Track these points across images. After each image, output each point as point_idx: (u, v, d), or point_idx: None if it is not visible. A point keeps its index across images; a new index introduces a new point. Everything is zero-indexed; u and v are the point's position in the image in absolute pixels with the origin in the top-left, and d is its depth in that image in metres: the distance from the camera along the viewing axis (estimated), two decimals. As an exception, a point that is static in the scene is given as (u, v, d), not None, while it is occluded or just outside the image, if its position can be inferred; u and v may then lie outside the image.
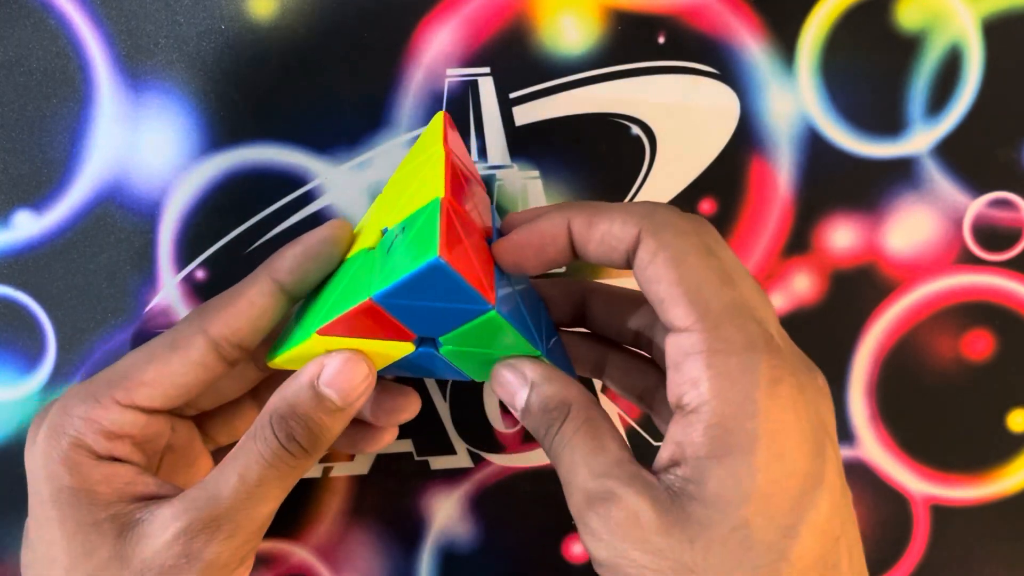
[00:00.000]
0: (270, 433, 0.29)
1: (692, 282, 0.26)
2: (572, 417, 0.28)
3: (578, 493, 0.27)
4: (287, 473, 0.29)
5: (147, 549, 0.28)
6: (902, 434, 0.40)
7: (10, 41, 0.36)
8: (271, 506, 0.29)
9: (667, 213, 0.28)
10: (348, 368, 0.29)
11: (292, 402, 0.29)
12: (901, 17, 0.38)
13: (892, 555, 0.41)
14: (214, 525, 0.28)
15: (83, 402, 0.30)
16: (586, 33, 0.37)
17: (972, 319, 0.40)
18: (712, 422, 0.25)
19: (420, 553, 0.40)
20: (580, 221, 0.28)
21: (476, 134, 0.37)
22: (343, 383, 0.29)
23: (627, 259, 0.28)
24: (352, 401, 0.29)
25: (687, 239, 0.27)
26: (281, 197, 0.37)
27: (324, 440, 0.29)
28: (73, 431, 0.30)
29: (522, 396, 0.29)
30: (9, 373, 0.38)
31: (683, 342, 0.26)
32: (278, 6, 0.36)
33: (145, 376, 0.30)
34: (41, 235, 0.37)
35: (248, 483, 0.29)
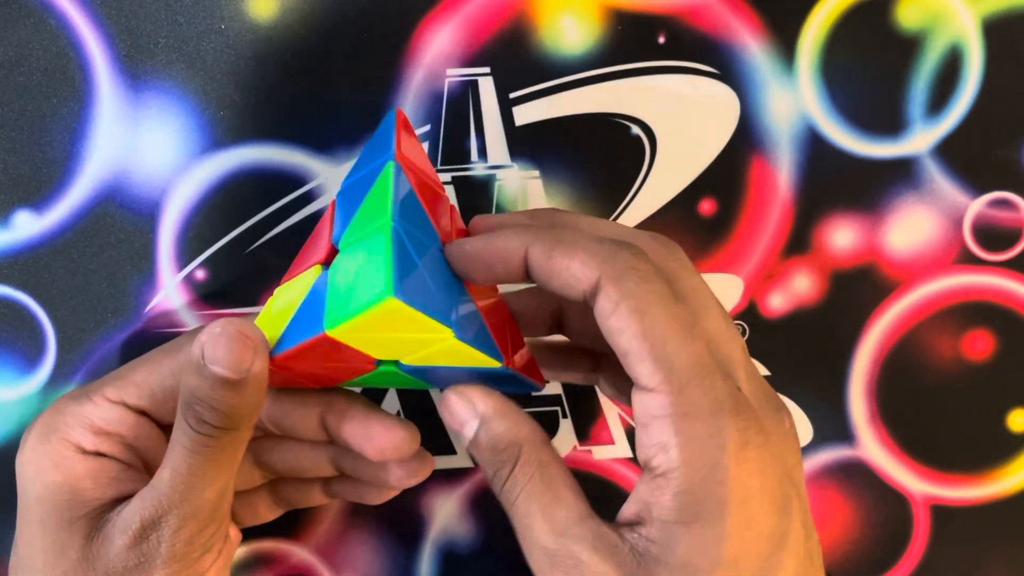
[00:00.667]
0: (183, 422, 0.28)
1: (656, 337, 0.26)
2: (524, 461, 0.27)
3: (538, 550, 0.27)
4: (214, 454, 0.28)
5: (109, 552, 0.29)
6: (902, 434, 0.40)
7: (10, 41, 0.36)
8: (213, 489, 0.29)
9: (629, 256, 0.27)
10: (227, 341, 0.27)
11: (190, 386, 0.28)
12: (901, 17, 0.38)
13: (892, 555, 0.41)
14: (162, 522, 0.28)
15: (75, 400, 0.31)
16: (586, 33, 0.37)
17: (972, 319, 0.40)
18: (681, 488, 0.25)
19: (420, 553, 0.40)
20: (538, 251, 0.27)
21: (476, 134, 0.37)
22: (228, 356, 0.27)
23: (584, 298, 0.27)
24: (246, 369, 0.27)
25: (649, 286, 0.26)
26: (281, 197, 0.37)
27: (237, 414, 0.28)
28: (62, 426, 0.30)
29: (470, 428, 0.28)
30: (9, 373, 0.38)
31: (649, 403, 0.26)
32: (278, 6, 0.36)
33: (135, 376, 0.31)
34: (41, 235, 0.37)
35: (180, 473, 0.28)
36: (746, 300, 0.39)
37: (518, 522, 0.27)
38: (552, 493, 0.27)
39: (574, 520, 0.26)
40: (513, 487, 0.27)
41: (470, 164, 0.37)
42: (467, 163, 0.37)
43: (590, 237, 0.27)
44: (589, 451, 0.40)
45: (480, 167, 0.38)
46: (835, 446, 0.40)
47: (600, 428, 0.40)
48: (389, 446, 0.31)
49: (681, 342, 0.26)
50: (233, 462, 0.29)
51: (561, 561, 0.26)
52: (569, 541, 0.26)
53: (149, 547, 0.29)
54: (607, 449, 0.40)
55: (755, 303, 0.39)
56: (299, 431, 0.32)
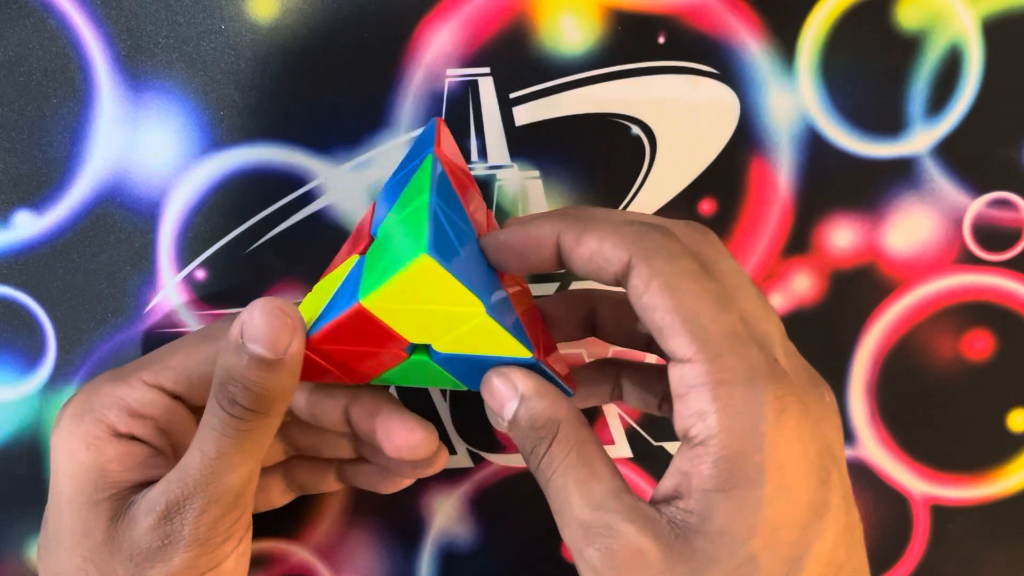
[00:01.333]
0: (215, 404, 0.28)
1: (689, 310, 0.26)
2: (561, 438, 0.28)
3: (574, 524, 0.27)
4: (243, 438, 0.29)
5: (135, 533, 0.29)
6: (902, 434, 0.40)
7: (10, 41, 0.36)
8: (239, 474, 0.29)
9: (659, 236, 0.27)
10: (267, 318, 0.28)
11: (226, 367, 0.28)
12: (901, 17, 0.38)
13: (892, 555, 0.41)
14: (188, 504, 0.29)
15: (111, 381, 0.31)
16: (586, 33, 0.37)
17: (972, 319, 0.40)
18: (720, 455, 0.25)
19: (420, 553, 0.40)
20: (569, 236, 0.28)
21: (476, 134, 0.37)
22: (268, 334, 0.28)
23: (616, 280, 0.27)
24: (284, 349, 0.28)
25: (680, 263, 0.26)
26: (281, 197, 0.37)
27: (271, 396, 0.28)
28: (98, 406, 0.30)
29: (511, 407, 0.29)
30: (9, 373, 0.38)
31: (686, 373, 0.26)
32: (278, 6, 0.36)
33: (173, 360, 0.31)
34: (41, 235, 0.37)
35: (208, 456, 0.29)
36: (746, 300, 0.39)
37: (554, 496, 0.27)
38: (589, 469, 0.27)
39: (610, 494, 0.26)
40: (551, 463, 0.28)
41: (470, 164, 0.37)
42: (467, 163, 0.37)
43: (620, 221, 0.28)
44: (589, 451, 0.40)
45: (480, 167, 0.38)
46: (835, 446, 0.40)
47: (600, 428, 0.40)
48: (406, 445, 0.32)
49: (715, 314, 0.26)
50: (261, 449, 0.29)
51: (598, 533, 0.26)
52: (605, 513, 0.26)
53: (173, 528, 0.29)
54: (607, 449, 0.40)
55: (755, 303, 0.39)
56: (325, 421, 0.33)
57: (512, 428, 0.29)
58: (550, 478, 0.28)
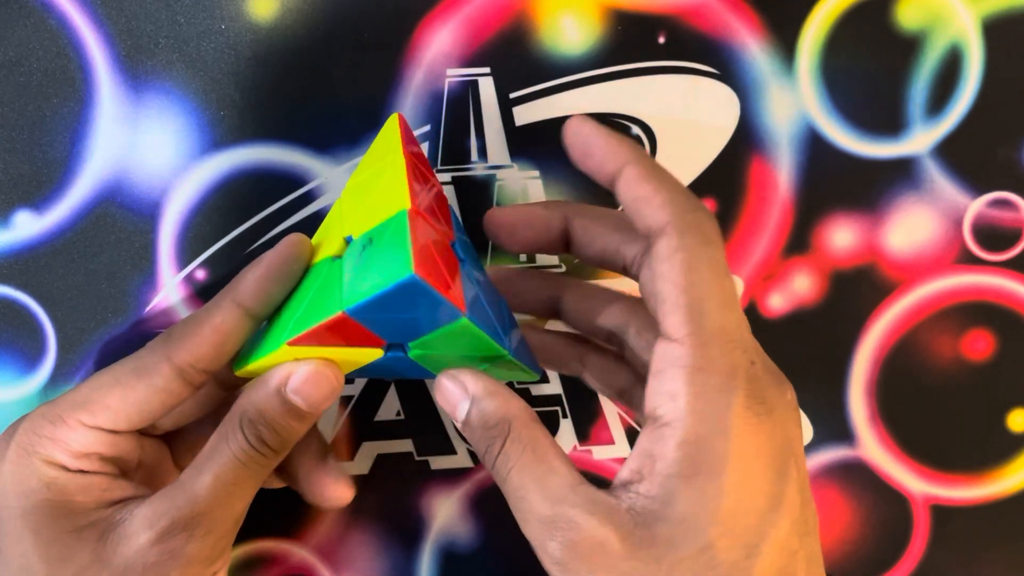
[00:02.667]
0: (241, 436, 0.30)
1: (696, 294, 0.27)
2: (514, 436, 0.28)
3: (533, 519, 0.27)
4: (258, 471, 0.30)
5: (129, 548, 0.29)
6: (902, 434, 0.40)
7: (10, 41, 0.36)
8: (244, 502, 0.30)
9: (702, 216, 0.28)
10: (316, 378, 0.29)
11: (261, 408, 0.30)
12: (901, 17, 0.38)
13: (892, 555, 0.41)
14: (193, 523, 0.29)
15: (50, 423, 0.30)
16: (586, 33, 0.37)
17: (972, 319, 0.40)
18: (685, 438, 0.26)
19: (420, 553, 0.40)
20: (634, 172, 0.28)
21: (476, 134, 0.37)
22: (311, 391, 0.29)
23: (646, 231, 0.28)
24: (318, 406, 0.30)
25: (708, 250, 0.27)
26: (281, 197, 0.37)
27: (290, 441, 0.30)
28: (43, 450, 0.30)
29: (463, 409, 0.29)
30: (9, 373, 0.38)
31: (670, 352, 0.27)
32: (278, 6, 0.36)
33: (108, 400, 0.30)
34: (41, 235, 0.37)
35: (224, 482, 0.29)
36: (746, 300, 0.39)
37: (512, 495, 0.28)
38: (544, 464, 0.27)
39: (568, 487, 0.27)
40: (505, 461, 0.28)
41: (470, 164, 0.37)
42: (467, 163, 0.37)
43: (680, 186, 0.28)
44: (589, 451, 0.40)
45: (480, 167, 0.38)
46: (835, 446, 0.40)
47: (600, 428, 0.40)
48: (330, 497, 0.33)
49: (719, 308, 0.27)
50: (262, 481, 0.31)
51: (558, 527, 0.26)
52: (565, 507, 0.26)
53: (175, 546, 0.29)
54: (607, 449, 0.40)
55: (755, 303, 0.39)
56: None
57: (465, 429, 0.29)
58: (506, 476, 0.28)
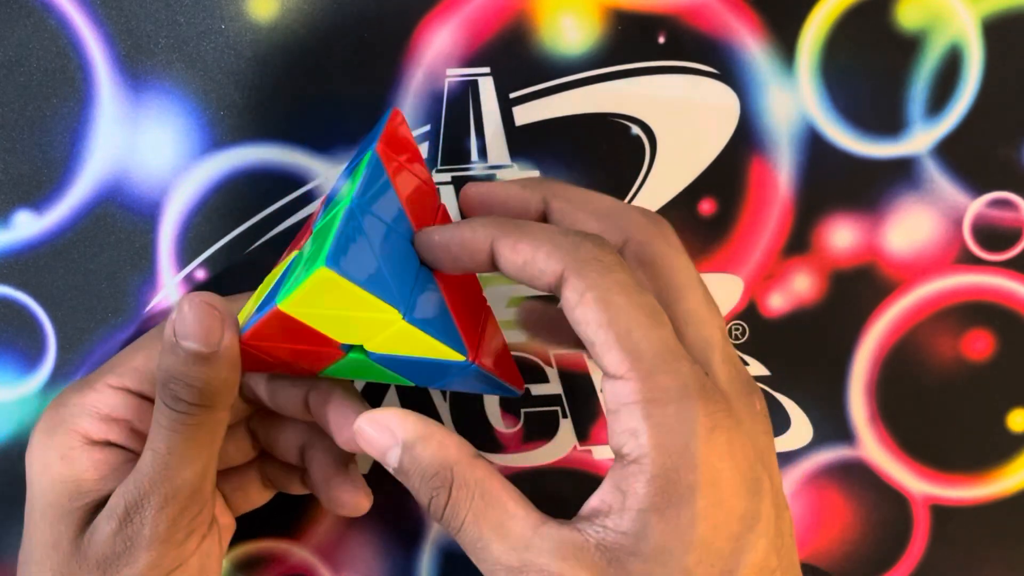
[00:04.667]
0: (160, 401, 0.29)
1: (622, 325, 0.26)
2: (459, 484, 0.27)
3: (500, 570, 0.26)
4: (193, 433, 0.29)
5: (99, 541, 0.29)
6: (902, 434, 0.40)
7: (10, 41, 0.36)
8: (193, 469, 0.29)
9: (593, 247, 0.27)
10: (196, 314, 0.28)
11: (164, 365, 0.28)
12: (901, 17, 0.38)
13: (892, 555, 0.41)
14: (144, 503, 0.29)
15: (78, 391, 0.31)
16: (586, 33, 0.37)
17: (972, 319, 0.40)
18: (654, 473, 0.25)
19: (420, 553, 0.40)
20: (504, 243, 0.27)
21: (476, 134, 0.37)
22: (198, 329, 0.28)
23: (550, 289, 0.27)
24: (217, 342, 0.28)
25: (613, 276, 0.26)
26: (281, 197, 0.37)
27: (213, 390, 0.28)
28: (68, 417, 0.31)
29: (393, 456, 0.27)
30: (9, 373, 0.38)
31: (619, 390, 0.26)
32: (278, 6, 0.36)
33: (134, 362, 0.31)
34: (41, 235, 0.37)
35: (159, 454, 0.29)
36: (746, 300, 0.39)
37: (470, 547, 0.27)
38: (499, 509, 0.26)
39: (531, 530, 0.26)
40: (455, 512, 0.27)
41: (470, 164, 0.38)
42: (467, 163, 0.37)
43: (555, 231, 0.27)
44: (589, 451, 0.40)
45: (480, 167, 0.38)
46: (835, 446, 0.40)
47: (600, 428, 0.40)
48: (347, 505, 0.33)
49: (647, 329, 0.26)
50: (213, 442, 0.30)
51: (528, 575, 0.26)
52: (532, 554, 0.26)
53: (133, 530, 0.29)
54: (607, 449, 0.40)
55: (755, 303, 0.39)
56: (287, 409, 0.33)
57: (400, 476, 0.28)
58: (460, 528, 0.27)
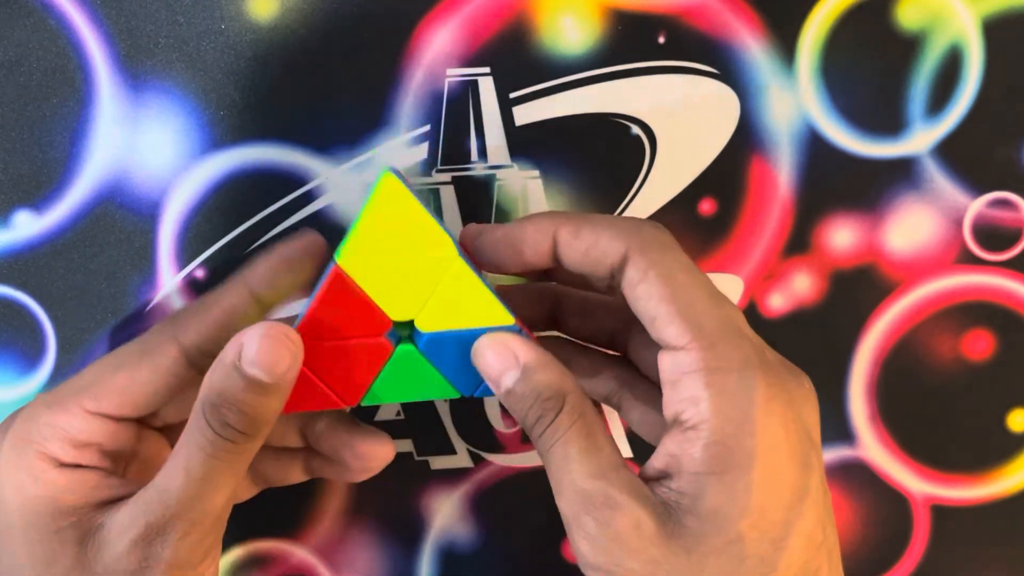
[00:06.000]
0: (204, 423, 0.28)
1: (684, 300, 0.27)
2: (568, 409, 0.28)
3: (572, 492, 0.27)
4: (231, 460, 0.28)
5: (108, 555, 0.28)
6: (902, 434, 0.40)
7: (10, 41, 0.36)
8: (223, 495, 0.29)
9: (653, 229, 0.28)
10: (268, 342, 0.27)
11: (219, 389, 0.27)
12: (901, 17, 0.38)
13: (892, 555, 0.41)
14: (169, 527, 0.28)
15: (49, 409, 0.30)
16: (586, 33, 0.37)
17: (972, 319, 0.40)
18: (712, 440, 0.26)
19: (420, 553, 0.40)
20: (567, 230, 0.29)
21: (476, 134, 0.37)
22: (267, 359, 0.27)
23: (611, 273, 0.28)
24: (281, 374, 0.28)
25: (674, 255, 0.28)
26: (281, 197, 0.37)
27: (262, 420, 0.28)
28: (39, 438, 0.29)
29: (510, 377, 0.28)
30: (9, 373, 0.38)
31: (680, 360, 0.27)
32: (278, 6, 0.36)
33: (114, 383, 0.30)
34: (41, 235, 0.37)
35: (194, 477, 0.28)
36: (746, 300, 0.39)
37: (554, 464, 0.28)
38: (592, 440, 0.28)
39: (611, 466, 0.27)
40: (555, 432, 0.28)
41: (470, 164, 0.38)
42: (467, 163, 0.37)
43: (613, 218, 0.29)
44: (589, 451, 0.40)
45: (480, 167, 0.38)
46: (835, 446, 0.40)
47: (600, 428, 0.40)
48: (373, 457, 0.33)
49: (709, 305, 0.27)
50: (243, 469, 0.29)
51: (596, 503, 0.27)
52: (606, 484, 0.27)
53: (152, 551, 0.28)
54: (607, 449, 0.40)
55: (755, 303, 0.39)
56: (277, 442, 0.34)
57: (509, 397, 0.29)
58: (551, 447, 0.28)
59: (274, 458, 0.35)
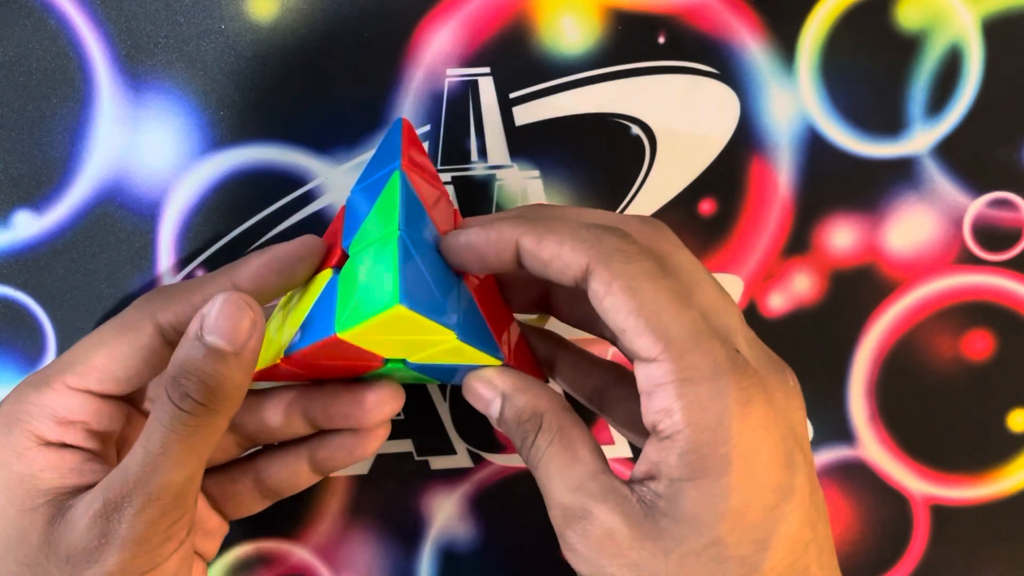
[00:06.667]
0: (165, 397, 0.28)
1: (650, 310, 0.27)
2: (545, 428, 0.29)
3: (556, 508, 0.28)
4: (191, 435, 0.28)
5: (71, 534, 0.28)
6: (902, 434, 0.40)
7: (10, 41, 0.36)
8: (182, 472, 0.28)
9: (615, 239, 0.28)
10: (227, 310, 0.27)
11: (181, 359, 0.28)
12: (901, 17, 0.38)
13: (892, 555, 0.41)
14: (126, 500, 0.28)
15: (35, 388, 0.30)
16: (586, 33, 0.37)
17: (972, 319, 0.40)
18: (687, 448, 0.26)
19: (420, 553, 0.40)
20: (529, 240, 0.28)
21: (476, 134, 0.37)
22: (225, 325, 0.27)
23: (576, 283, 0.28)
24: (243, 343, 0.27)
25: (637, 264, 0.27)
26: (281, 197, 0.37)
27: (225, 392, 0.28)
28: (25, 416, 0.30)
29: (496, 407, 0.30)
30: (9, 373, 0.38)
31: (652, 372, 0.27)
32: (278, 6, 0.36)
33: (95, 360, 0.30)
34: (41, 235, 0.37)
35: (152, 453, 0.28)
36: (746, 300, 0.39)
37: (541, 484, 0.29)
38: (570, 454, 0.28)
39: (588, 476, 0.28)
40: (536, 452, 0.29)
41: (470, 164, 0.38)
42: (467, 163, 0.38)
43: (578, 224, 0.28)
44: (589, 451, 0.40)
45: (480, 167, 0.38)
46: (835, 446, 0.40)
47: (600, 428, 0.40)
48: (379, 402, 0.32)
49: (676, 312, 0.27)
50: (206, 449, 0.29)
51: (575, 515, 0.28)
52: (582, 496, 0.28)
53: (110, 527, 0.28)
54: (607, 449, 0.40)
55: (755, 303, 0.39)
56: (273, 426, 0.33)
57: (501, 425, 0.30)
58: (536, 466, 0.29)
59: (279, 461, 0.34)
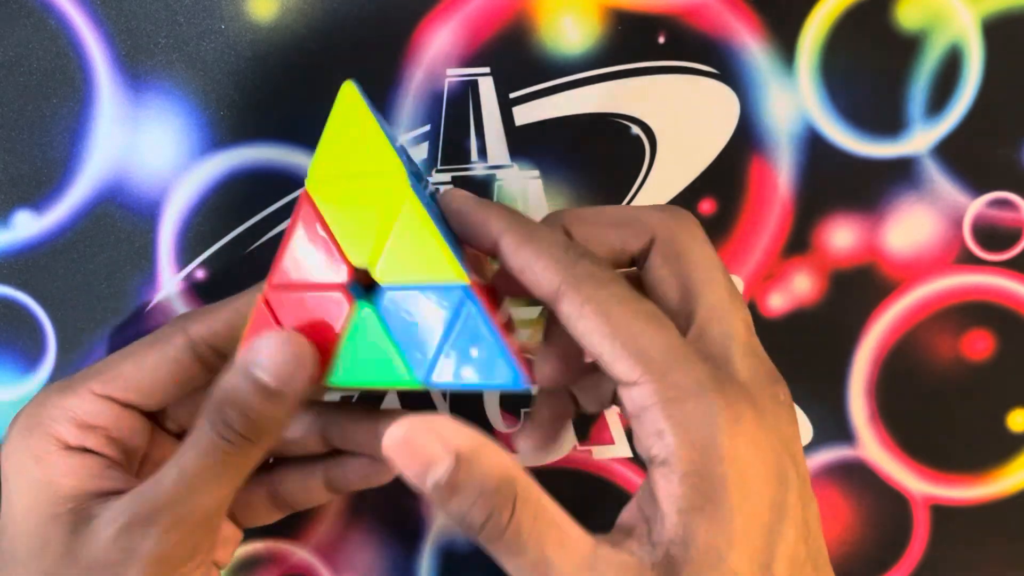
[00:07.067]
0: (206, 423, 0.28)
1: (626, 332, 0.26)
2: (523, 499, 0.25)
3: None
4: (226, 463, 0.28)
5: (94, 545, 0.28)
6: (902, 434, 0.40)
7: (10, 41, 0.36)
8: (214, 498, 0.28)
9: (588, 265, 0.27)
10: (284, 350, 0.27)
11: (227, 389, 0.28)
12: (901, 17, 0.38)
13: (892, 555, 0.41)
14: (152, 520, 0.28)
15: (59, 392, 0.31)
16: (586, 33, 0.37)
17: (972, 319, 0.40)
18: (686, 471, 0.25)
19: (420, 553, 0.40)
20: (509, 241, 0.28)
21: (476, 134, 0.37)
22: (277, 364, 0.27)
23: (544, 299, 0.27)
24: (290, 383, 0.27)
25: (609, 290, 0.26)
26: (281, 197, 0.37)
27: (266, 427, 0.28)
28: (47, 419, 0.30)
29: (443, 468, 0.24)
30: (9, 373, 0.38)
31: (635, 395, 0.26)
32: (278, 6, 0.36)
33: (122, 368, 0.31)
34: (41, 235, 0.37)
35: (186, 473, 0.28)
36: (746, 300, 0.39)
37: (531, 568, 0.25)
38: (557, 528, 0.25)
39: (590, 553, 0.25)
40: (518, 531, 0.25)
41: (470, 164, 0.38)
42: (467, 163, 0.38)
43: (559, 243, 0.27)
44: (589, 451, 0.40)
45: (480, 167, 0.38)
46: (835, 446, 0.40)
47: (600, 428, 0.40)
48: None
49: (652, 333, 0.26)
50: (240, 478, 0.29)
51: None
52: None
53: (134, 542, 0.28)
54: (607, 449, 0.40)
55: (755, 303, 0.39)
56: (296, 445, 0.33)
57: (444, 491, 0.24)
58: (522, 548, 0.25)
59: (295, 476, 0.34)
